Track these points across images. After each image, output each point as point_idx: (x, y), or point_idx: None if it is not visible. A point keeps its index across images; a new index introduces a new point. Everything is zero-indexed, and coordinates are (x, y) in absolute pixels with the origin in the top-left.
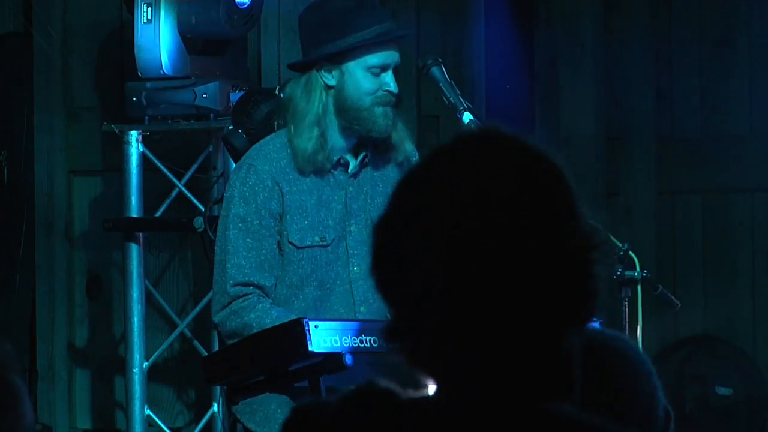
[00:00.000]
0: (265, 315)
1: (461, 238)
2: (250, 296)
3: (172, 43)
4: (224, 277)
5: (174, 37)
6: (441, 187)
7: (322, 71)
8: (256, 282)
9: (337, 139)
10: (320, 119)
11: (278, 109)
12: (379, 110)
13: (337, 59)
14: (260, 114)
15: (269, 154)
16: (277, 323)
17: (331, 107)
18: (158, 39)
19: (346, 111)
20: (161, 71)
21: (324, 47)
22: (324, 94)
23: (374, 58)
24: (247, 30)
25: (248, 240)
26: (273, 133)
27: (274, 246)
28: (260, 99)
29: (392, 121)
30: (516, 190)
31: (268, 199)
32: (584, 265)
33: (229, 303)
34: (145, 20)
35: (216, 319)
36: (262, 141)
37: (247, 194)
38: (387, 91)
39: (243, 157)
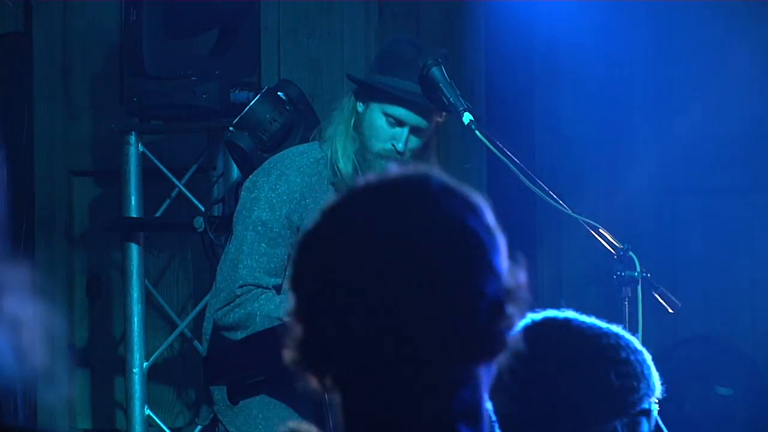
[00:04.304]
0: (268, 302)
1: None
2: (253, 290)
3: (157, 43)
4: (234, 276)
5: (161, 37)
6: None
7: (357, 96)
8: (264, 285)
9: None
10: (353, 137)
11: (298, 121)
12: (381, 163)
13: (368, 92)
14: (277, 126)
15: (302, 168)
16: (282, 307)
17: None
18: (142, 39)
19: (357, 142)
20: (145, 71)
21: (365, 75)
22: (353, 117)
23: (393, 110)
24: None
25: (263, 245)
26: (306, 144)
27: (286, 256)
28: (276, 107)
29: None
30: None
31: (293, 212)
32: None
33: (233, 300)
34: (131, 21)
35: (216, 315)
36: (294, 150)
37: (274, 201)
38: (394, 145)
39: (274, 163)
